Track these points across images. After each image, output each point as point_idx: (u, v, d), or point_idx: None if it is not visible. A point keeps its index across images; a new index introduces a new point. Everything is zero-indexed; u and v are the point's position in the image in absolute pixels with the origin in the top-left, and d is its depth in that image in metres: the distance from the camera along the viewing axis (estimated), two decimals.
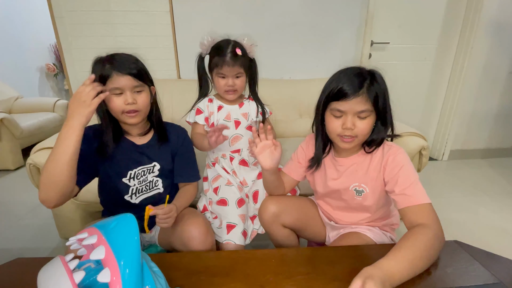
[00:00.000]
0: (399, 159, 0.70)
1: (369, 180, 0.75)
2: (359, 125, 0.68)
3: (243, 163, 1.05)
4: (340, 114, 0.69)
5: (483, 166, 2.19)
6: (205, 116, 1.03)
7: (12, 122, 2.10)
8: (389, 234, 0.83)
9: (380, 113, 0.69)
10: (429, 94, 2.22)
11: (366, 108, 0.67)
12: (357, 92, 0.66)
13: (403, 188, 0.66)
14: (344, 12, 1.81)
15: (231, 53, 0.93)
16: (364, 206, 0.79)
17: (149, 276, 0.32)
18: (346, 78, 0.68)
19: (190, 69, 1.77)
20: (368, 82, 0.67)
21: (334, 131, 0.71)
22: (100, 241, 0.30)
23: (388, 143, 0.75)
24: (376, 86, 0.67)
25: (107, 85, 0.73)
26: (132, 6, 1.66)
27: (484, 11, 1.90)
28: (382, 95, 0.68)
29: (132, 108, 0.76)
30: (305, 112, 1.70)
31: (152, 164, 0.86)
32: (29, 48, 3.31)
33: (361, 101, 0.66)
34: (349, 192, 0.78)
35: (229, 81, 0.96)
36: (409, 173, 0.68)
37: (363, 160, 0.76)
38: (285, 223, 0.86)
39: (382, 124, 0.71)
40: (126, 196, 0.84)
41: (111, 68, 0.73)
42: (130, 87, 0.75)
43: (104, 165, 0.81)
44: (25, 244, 1.33)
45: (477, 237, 1.34)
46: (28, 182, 1.17)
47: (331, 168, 0.81)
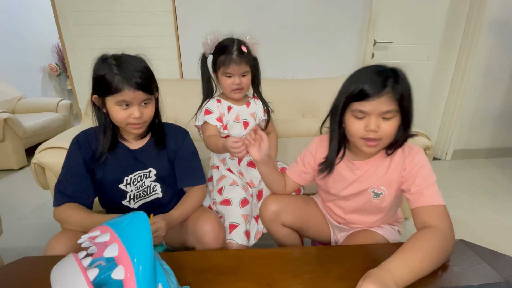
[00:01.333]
0: (419, 158, 0.68)
1: (388, 182, 0.72)
2: (383, 127, 0.63)
3: (251, 165, 1.05)
4: (363, 115, 0.65)
5: (486, 165, 2.18)
6: (216, 116, 1.00)
7: (16, 122, 2.11)
8: (397, 228, 0.84)
9: (406, 113, 0.65)
10: (432, 93, 2.22)
11: (392, 109, 0.62)
12: (381, 91, 0.61)
13: (420, 188, 0.65)
14: (347, 11, 1.81)
15: (237, 51, 0.92)
16: (379, 208, 0.77)
17: (161, 274, 0.32)
18: (367, 77, 0.63)
19: (193, 69, 1.78)
20: (392, 80, 0.62)
21: (356, 133, 0.66)
22: (113, 239, 0.30)
23: (407, 144, 0.72)
24: (401, 85, 0.63)
25: (115, 97, 0.70)
26: (135, 7, 1.67)
27: (487, 10, 1.90)
28: (407, 94, 0.64)
29: (139, 121, 0.74)
30: (308, 112, 1.70)
31: (148, 170, 0.83)
32: (32, 48, 3.33)
33: (385, 101, 0.62)
34: (367, 194, 0.75)
35: (236, 79, 0.95)
36: (427, 174, 0.66)
37: (382, 163, 0.72)
38: (285, 222, 0.84)
39: (405, 125, 0.67)
40: (124, 202, 0.83)
41: (122, 81, 0.69)
42: (140, 101, 0.73)
43: (99, 171, 0.79)
44: (30, 243, 1.33)
45: (481, 237, 1.34)
46: (32, 182, 1.18)
47: (347, 171, 0.77)
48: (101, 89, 0.72)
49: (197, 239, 0.80)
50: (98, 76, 0.71)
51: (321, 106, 1.65)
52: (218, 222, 0.83)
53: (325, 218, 0.92)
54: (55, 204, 0.76)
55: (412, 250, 0.54)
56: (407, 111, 0.65)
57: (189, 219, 0.83)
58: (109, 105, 0.72)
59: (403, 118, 0.65)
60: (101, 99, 0.73)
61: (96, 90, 0.73)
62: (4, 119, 2.02)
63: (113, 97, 0.70)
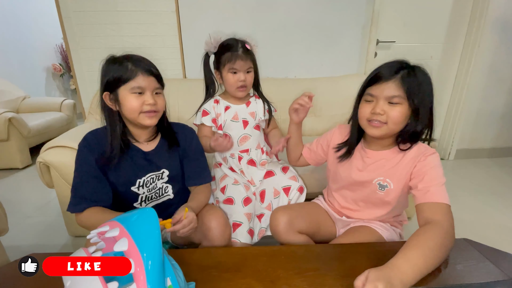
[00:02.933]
0: (431, 159, 0.69)
1: (396, 176, 0.73)
2: (389, 112, 0.67)
3: (251, 163, 1.05)
4: (372, 99, 0.69)
5: (489, 165, 2.17)
6: (212, 118, 1.03)
7: (20, 121, 2.12)
8: (398, 230, 0.84)
9: (415, 107, 0.67)
10: (435, 92, 2.20)
11: (398, 94, 0.65)
12: (390, 77, 0.66)
13: (428, 185, 0.65)
14: (349, 10, 1.81)
15: (242, 48, 0.95)
16: (384, 202, 0.77)
17: (170, 268, 0.33)
18: (386, 65, 0.69)
19: (196, 69, 1.79)
20: (405, 71, 0.66)
21: (363, 116, 0.71)
22: (123, 234, 0.31)
23: (424, 144, 0.73)
24: (413, 78, 0.66)
25: (129, 84, 0.71)
26: (138, 6, 1.68)
27: (490, 9, 1.89)
28: (419, 89, 0.66)
29: (153, 108, 0.74)
30: (310, 111, 1.67)
31: (161, 171, 0.84)
32: (36, 48, 3.35)
33: (392, 86, 0.66)
34: (372, 185, 0.77)
35: (241, 76, 0.96)
36: (437, 174, 0.67)
37: (394, 157, 0.74)
38: (300, 228, 0.84)
39: (416, 119, 0.68)
40: (136, 204, 0.83)
41: (135, 67, 0.72)
42: (152, 88, 0.74)
43: (112, 173, 0.78)
44: (35, 241, 1.35)
45: (484, 236, 1.33)
46: (37, 181, 1.19)
47: (358, 158, 0.80)
48: (113, 82, 0.72)
49: (203, 234, 0.81)
50: (109, 71, 0.72)
51: (324, 105, 1.65)
52: (224, 218, 0.85)
53: (331, 217, 0.92)
54: (77, 210, 0.74)
55: (416, 247, 0.55)
56: (417, 104, 0.66)
57: (197, 214, 0.83)
58: (122, 96, 0.72)
59: (414, 111, 0.67)
60: (113, 95, 0.73)
61: (107, 86, 0.73)
62: (8, 118, 2.04)
63: (126, 85, 0.72)
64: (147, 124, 0.76)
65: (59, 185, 1.17)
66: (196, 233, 0.82)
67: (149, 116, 0.75)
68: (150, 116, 0.76)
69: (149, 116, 0.75)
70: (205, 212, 0.85)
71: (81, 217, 0.74)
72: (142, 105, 0.73)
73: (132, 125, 0.80)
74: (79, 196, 0.73)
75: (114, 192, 0.79)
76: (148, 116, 0.75)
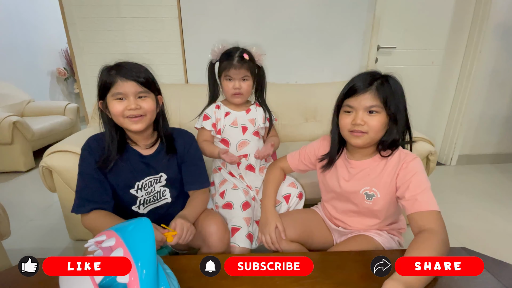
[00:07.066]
0: (413, 165, 0.70)
1: (381, 185, 0.75)
2: (369, 122, 0.70)
3: (249, 168, 1.06)
4: (351, 110, 0.72)
5: (492, 171, 2.15)
6: (212, 122, 1.05)
7: (24, 125, 2.15)
8: (397, 238, 0.83)
9: (392, 114, 0.70)
10: (437, 98, 2.21)
11: (376, 104, 0.69)
12: (366, 88, 0.69)
13: (414, 194, 0.66)
14: (350, 16, 1.82)
15: (239, 57, 0.97)
16: (373, 211, 0.78)
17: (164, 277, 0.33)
18: (359, 77, 0.72)
19: (198, 74, 1.82)
20: (379, 81, 0.70)
21: (345, 127, 0.74)
22: (118, 243, 0.32)
23: (405, 150, 0.75)
24: (387, 87, 0.70)
25: (111, 91, 0.73)
26: (141, 13, 1.71)
27: (492, 15, 1.89)
28: (394, 97, 0.70)
29: (136, 113, 0.74)
30: (311, 116, 1.71)
31: (159, 175, 0.85)
32: (41, 53, 3.40)
33: (369, 97, 0.69)
34: (360, 196, 0.78)
35: (236, 83, 0.99)
36: (421, 180, 0.68)
37: (377, 165, 0.76)
38: (291, 237, 0.86)
39: (394, 124, 0.72)
40: (134, 207, 0.84)
41: (116, 74, 0.73)
42: (134, 93, 0.74)
43: (111, 176, 0.79)
44: (36, 244, 1.36)
45: (486, 244, 1.32)
46: (39, 184, 1.20)
47: (343, 168, 0.82)
48: (102, 90, 0.75)
49: (202, 239, 0.82)
50: (100, 79, 0.75)
51: (324, 111, 1.66)
52: (223, 224, 0.86)
53: (327, 225, 0.92)
54: (83, 211, 0.76)
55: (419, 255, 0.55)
56: (394, 111, 0.70)
57: (196, 220, 0.85)
58: (108, 102, 0.75)
59: (391, 118, 0.71)
60: (105, 102, 0.76)
61: (99, 94, 0.77)
62: (13, 122, 2.07)
63: (110, 92, 0.74)
64: (133, 129, 0.76)
65: (61, 189, 1.18)
66: (195, 239, 0.82)
67: (133, 121, 0.75)
68: (134, 121, 0.75)
69: (134, 121, 0.75)
70: (204, 217, 0.86)
71: (87, 218, 0.76)
72: (124, 110, 0.74)
73: (127, 130, 0.81)
74: (83, 198, 0.76)
75: (114, 195, 0.81)
76: (133, 121, 0.75)
